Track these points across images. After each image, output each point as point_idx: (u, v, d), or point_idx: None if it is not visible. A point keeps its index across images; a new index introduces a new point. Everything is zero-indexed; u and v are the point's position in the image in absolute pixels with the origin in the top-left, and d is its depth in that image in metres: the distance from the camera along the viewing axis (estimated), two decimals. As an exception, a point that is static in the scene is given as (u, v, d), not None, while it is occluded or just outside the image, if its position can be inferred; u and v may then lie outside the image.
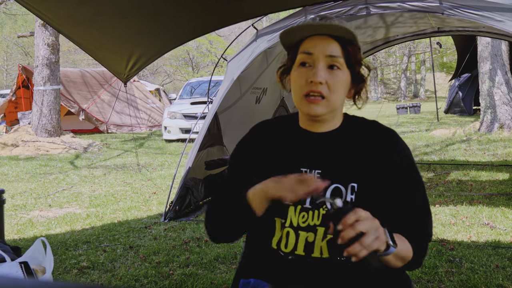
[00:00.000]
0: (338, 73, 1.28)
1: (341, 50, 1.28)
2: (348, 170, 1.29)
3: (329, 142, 1.34)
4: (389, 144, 1.33)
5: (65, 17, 3.16)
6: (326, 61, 1.27)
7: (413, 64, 35.92)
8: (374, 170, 1.29)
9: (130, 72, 3.84)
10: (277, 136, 1.40)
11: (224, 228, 1.39)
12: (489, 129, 10.03)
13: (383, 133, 1.34)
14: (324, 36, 1.28)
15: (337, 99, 1.29)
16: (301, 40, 1.31)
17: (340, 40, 1.28)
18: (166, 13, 3.24)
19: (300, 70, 1.30)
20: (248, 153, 1.41)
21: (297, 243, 1.29)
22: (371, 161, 1.30)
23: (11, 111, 14.90)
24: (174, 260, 3.54)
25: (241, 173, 1.39)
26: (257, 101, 5.99)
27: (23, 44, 33.35)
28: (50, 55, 10.79)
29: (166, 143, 11.69)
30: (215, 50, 28.36)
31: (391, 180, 1.29)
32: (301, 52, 1.30)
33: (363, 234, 1.09)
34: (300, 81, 1.29)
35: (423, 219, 1.33)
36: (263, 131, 1.44)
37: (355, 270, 1.26)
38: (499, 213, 4.41)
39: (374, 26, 6.18)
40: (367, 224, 1.10)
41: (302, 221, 1.29)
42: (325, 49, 1.27)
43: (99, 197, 5.83)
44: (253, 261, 1.38)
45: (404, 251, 1.24)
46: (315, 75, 1.25)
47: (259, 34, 4.68)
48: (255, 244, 1.39)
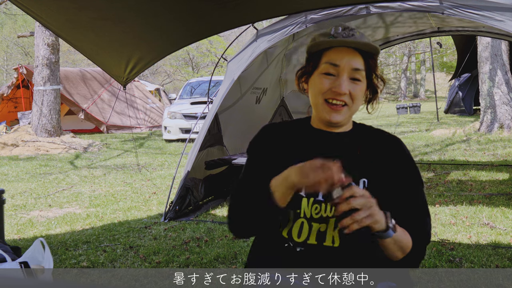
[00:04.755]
0: (359, 85, 1.38)
1: (364, 63, 1.37)
2: (360, 167, 1.38)
3: (342, 141, 1.44)
4: (395, 148, 1.45)
5: (65, 21, 3.16)
6: (350, 73, 1.36)
7: (413, 64, 35.91)
8: (383, 170, 1.40)
9: (129, 75, 3.84)
10: (292, 136, 1.47)
11: (249, 222, 1.40)
12: (489, 129, 10.03)
13: (390, 139, 1.47)
14: (350, 48, 1.36)
15: (356, 108, 1.41)
16: (326, 48, 1.38)
17: (363, 53, 1.37)
18: (165, 17, 3.24)
19: (324, 77, 1.37)
20: (264, 151, 1.45)
21: (310, 233, 1.35)
22: (380, 161, 1.41)
23: (11, 111, 14.90)
24: (174, 260, 3.54)
25: (261, 170, 1.41)
26: (257, 101, 5.99)
27: (23, 44, 33.34)
28: (50, 55, 10.79)
29: (166, 143, 11.69)
30: (215, 50, 28.36)
31: (397, 181, 1.40)
32: (326, 61, 1.37)
33: (357, 210, 1.19)
34: (323, 87, 1.37)
35: (423, 219, 1.41)
36: (276, 131, 1.50)
37: (364, 258, 1.33)
38: (499, 213, 4.41)
39: (373, 26, 6.19)
40: (361, 201, 1.20)
41: (315, 213, 1.37)
42: (350, 62, 1.35)
43: (99, 197, 5.83)
44: (263, 250, 1.42)
45: (404, 240, 1.31)
46: (340, 86, 1.35)
47: (259, 34, 4.68)
48: (265, 234, 1.43)
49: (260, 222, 1.38)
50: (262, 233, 1.44)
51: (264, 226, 1.39)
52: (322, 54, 1.38)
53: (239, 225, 1.43)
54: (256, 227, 1.41)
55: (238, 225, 1.43)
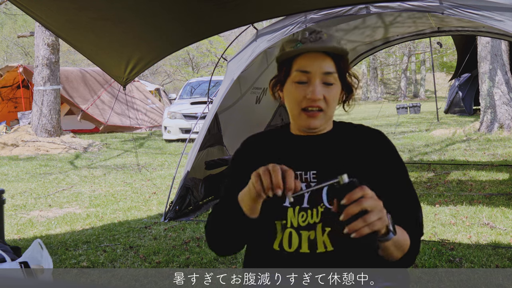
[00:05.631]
0: (333, 88, 1.35)
1: (335, 65, 1.35)
2: (342, 168, 1.30)
3: (322, 144, 1.41)
4: (378, 142, 1.41)
5: (65, 22, 3.16)
6: (322, 78, 1.34)
7: (413, 64, 35.92)
8: (366, 167, 1.36)
9: (129, 76, 3.84)
10: (271, 145, 1.45)
11: (225, 239, 1.39)
12: (489, 129, 10.03)
13: (372, 134, 1.43)
14: (318, 52, 1.34)
15: (332, 111, 1.38)
16: (296, 55, 1.35)
17: (333, 56, 1.35)
18: (164, 18, 3.24)
19: (296, 86, 1.35)
20: (244, 166, 1.41)
21: (300, 242, 1.32)
22: (363, 159, 1.37)
23: (11, 111, 14.90)
24: (174, 260, 3.55)
25: (239, 186, 1.37)
26: (257, 101, 5.99)
27: (23, 44, 33.33)
28: (50, 55, 10.79)
29: (166, 143, 11.69)
30: (215, 50, 28.35)
31: (382, 176, 1.36)
32: (296, 69, 1.35)
33: (367, 212, 1.10)
34: (297, 97, 1.35)
35: (415, 213, 1.38)
36: (256, 142, 1.48)
37: (360, 260, 1.30)
38: (499, 213, 4.41)
39: (372, 26, 6.19)
40: (373, 202, 1.11)
41: (302, 221, 1.33)
42: (321, 66, 1.33)
43: (99, 197, 5.83)
44: (256, 265, 1.39)
45: (403, 240, 1.27)
46: (313, 93, 1.32)
47: (259, 34, 4.68)
48: (256, 249, 1.41)
49: (235, 238, 1.37)
50: (241, 247, 1.42)
51: (240, 241, 1.39)
52: (292, 61, 1.36)
53: (216, 242, 1.42)
54: (234, 242, 1.40)
55: (215, 242, 1.43)
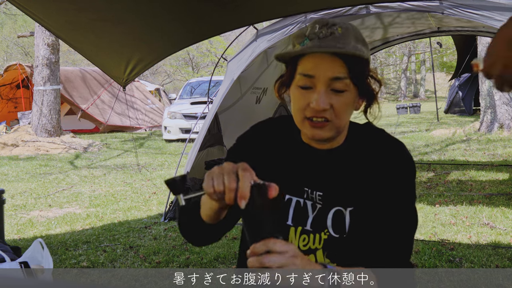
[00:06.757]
0: (343, 95, 1.13)
1: (347, 69, 1.11)
2: (349, 193, 1.20)
3: (332, 162, 1.24)
4: (393, 162, 1.20)
5: (64, 23, 3.17)
6: (329, 84, 1.11)
7: (413, 64, 35.91)
8: (374, 191, 1.19)
9: (129, 76, 3.84)
10: (279, 146, 1.29)
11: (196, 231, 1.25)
12: (489, 129, 10.03)
13: (389, 149, 1.21)
14: (327, 53, 1.11)
15: (342, 122, 1.16)
16: (300, 55, 1.15)
17: (344, 57, 1.10)
18: (164, 18, 3.25)
19: (300, 91, 1.15)
20: (249, 152, 1.29)
21: None
22: (372, 181, 1.20)
23: (11, 111, 14.90)
24: (174, 260, 3.55)
25: None
26: (257, 101, 5.99)
27: (23, 44, 33.33)
28: (50, 55, 10.79)
29: (166, 143, 11.69)
30: (215, 50, 28.34)
31: (387, 200, 1.18)
32: (300, 73, 1.14)
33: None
34: (301, 104, 1.15)
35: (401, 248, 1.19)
36: (265, 134, 1.32)
37: None
38: (499, 213, 4.41)
39: (371, 27, 6.18)
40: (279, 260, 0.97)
41: (303, 244, 1.24)
42: (327, 71, 1.10)
43: (99, 197, 5.83)
44: None
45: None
46: (317, 102, 1.10)
47: (259, 33, 4.68)
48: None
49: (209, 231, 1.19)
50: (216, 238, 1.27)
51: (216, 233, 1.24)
52: (297, 62, 1.14)
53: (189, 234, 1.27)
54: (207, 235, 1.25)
55: (188, 235, 1.28)
